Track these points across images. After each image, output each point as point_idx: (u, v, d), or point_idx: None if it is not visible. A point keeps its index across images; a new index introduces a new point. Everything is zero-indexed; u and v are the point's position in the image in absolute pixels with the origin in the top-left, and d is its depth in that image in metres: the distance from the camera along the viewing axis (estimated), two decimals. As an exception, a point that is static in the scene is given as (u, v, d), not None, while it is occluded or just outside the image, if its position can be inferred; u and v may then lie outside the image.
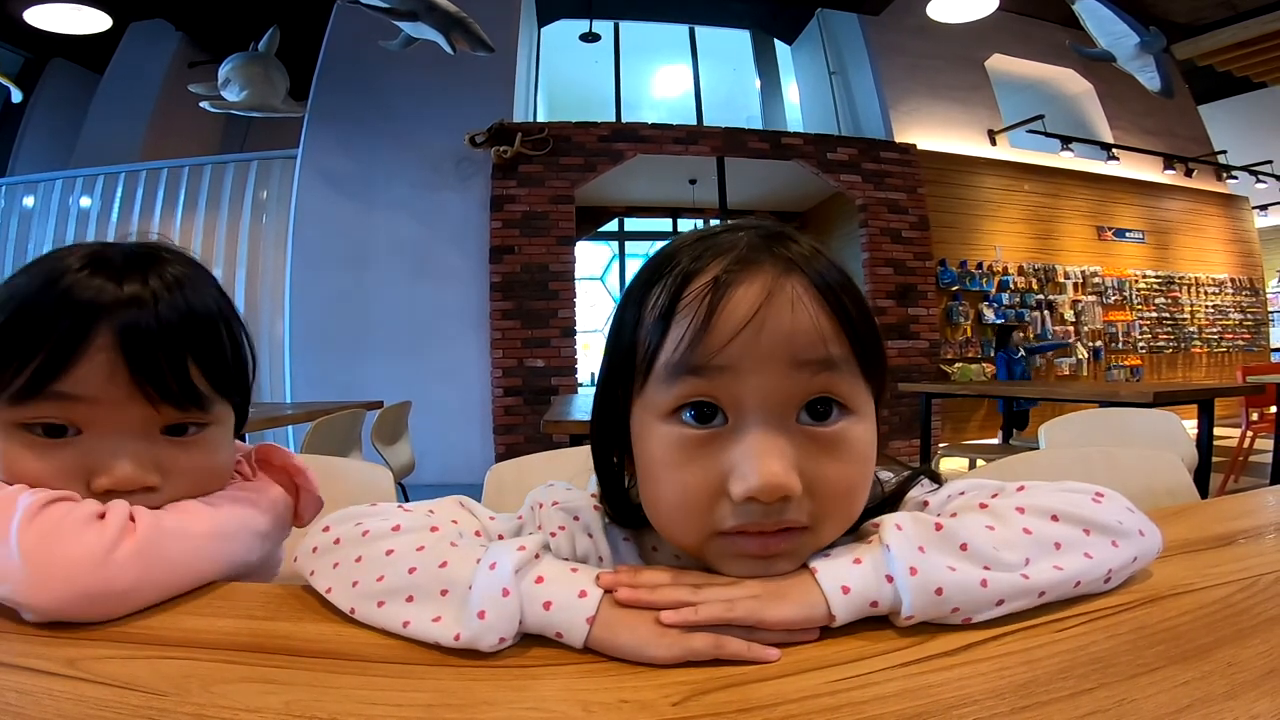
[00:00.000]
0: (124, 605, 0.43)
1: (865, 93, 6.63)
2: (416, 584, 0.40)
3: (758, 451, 0.39)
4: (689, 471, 0.41)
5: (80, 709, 0.32)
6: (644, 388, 0.42)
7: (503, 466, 1.03)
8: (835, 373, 0.41)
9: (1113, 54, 4.42)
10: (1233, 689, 0.32)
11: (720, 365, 0.39)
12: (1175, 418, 1.53)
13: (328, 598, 0.43)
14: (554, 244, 5.40)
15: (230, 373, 0.55)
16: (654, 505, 0.44)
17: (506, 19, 5.63)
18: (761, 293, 0.40)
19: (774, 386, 0.40)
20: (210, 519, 0.51)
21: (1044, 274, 6.70)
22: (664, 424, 0.41)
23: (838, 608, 0.38)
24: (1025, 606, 0.40)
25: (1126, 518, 0.45)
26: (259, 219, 5.61)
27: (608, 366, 0.46)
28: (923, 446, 4.06)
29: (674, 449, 0.41)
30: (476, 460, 5.01)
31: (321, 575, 0.45)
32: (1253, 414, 4.33)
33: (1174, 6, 6.19)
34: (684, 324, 0.40)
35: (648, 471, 0.43)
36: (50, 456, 0.49)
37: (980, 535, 0.41)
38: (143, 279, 0.51)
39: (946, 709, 0.31)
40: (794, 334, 0.39)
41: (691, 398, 0.40)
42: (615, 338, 0.45)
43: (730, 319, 0.39)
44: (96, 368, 0.48)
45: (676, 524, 0.43)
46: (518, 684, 0.35)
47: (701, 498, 0.40)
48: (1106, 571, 0.42)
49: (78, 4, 4.50)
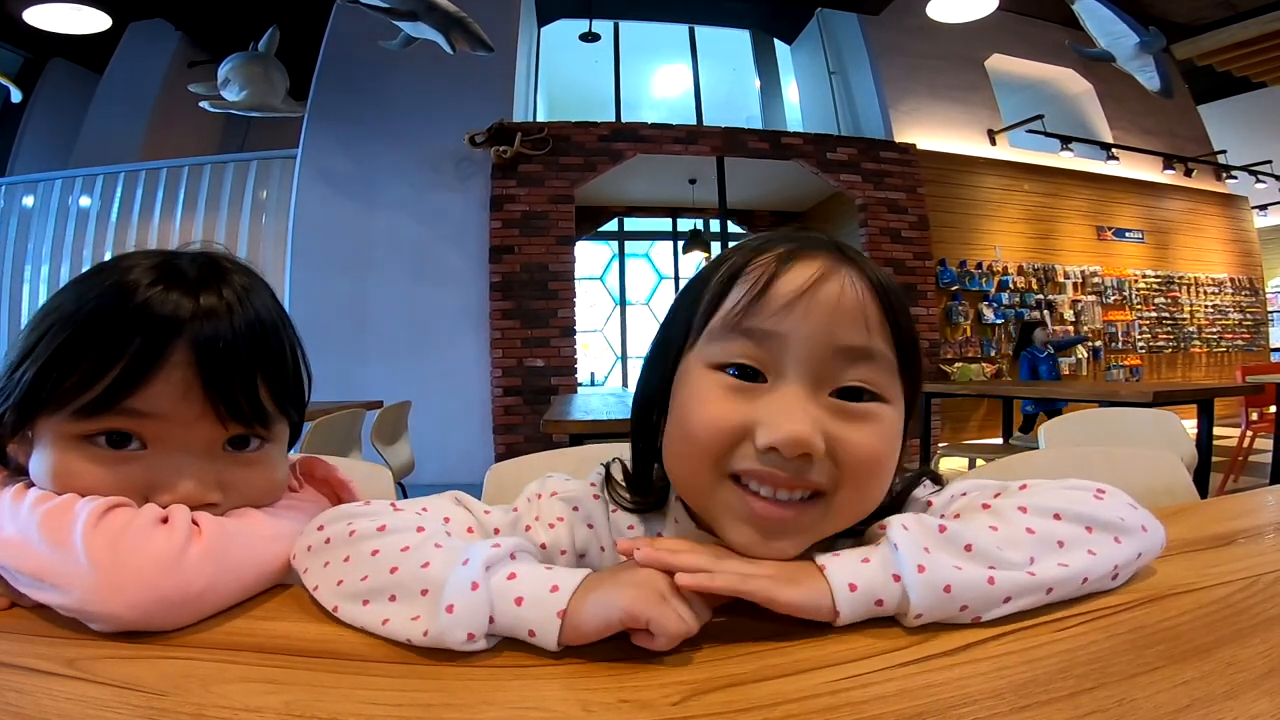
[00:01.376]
0: (198, 610, 0.42)
1: (865, 92, 6.63)
2: (399, 583, 0.40)
3: (788, 406, 0.41)
4: (722, 408, 0.43)
5: (80, 709, 0.32)
6: (698, 340, 0.45)
7: (502, 466, 1.03)
8: (874, 364, 0.43)
9: (1112, 54, 4.42)
10: (1233, 689, 0.32)
11: (770, 330, 0.42)
12: (1175, 417, 1.53)
13: (314, 596, 0.44)
14: (554, 244, 5.40)
15: (292, 388, 0.54)
16: (676, 440, 0.45)
17: (506, 19, 5.63)
18: (819, 270, 0.43)
19: (816, 359, 0.42)
20: (271, 524, 0.50)
21: (1044, 274, 6.70)
22: (710, 371, 0.44)
23: (843, 604, 0.39)
24: (1034, 604, 0.40)
25: (1129, 514, 0.45)
26: (259, 219, 5.61)
27: (669, 321, 0.49)
28: (923, 446, 4.06)
29: (714, 388, 0.43)
30: (476, 460, 5.01)
31: (312, 574, 0.45)
32: (1252, 414, 4.33)
33: (1174, 6, 6.19)
34: (745, 287, 0.44)
35: (682, 408, 0.45)
36: (113, 469, 0.47)
37: (984, 535, 0.41)
38: (217, 293, 0.50)
39: (946, 709, 0.31)
40: (840, 311, 0.42)
41: (739, 358, 0.43)
42: (684, 295, 0.49)
43: (786, 288, 0.43)
44: (172, 385, 0.47)
45: (693, 460, 0.44)
46: (518, 684, 0.35)
47: (727, 434, 0.42)
48: (1113, 568, 0.43)
49: (77, 4, 4.49)
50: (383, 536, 0.44)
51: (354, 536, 0.44)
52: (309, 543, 0.47)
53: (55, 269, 5.58)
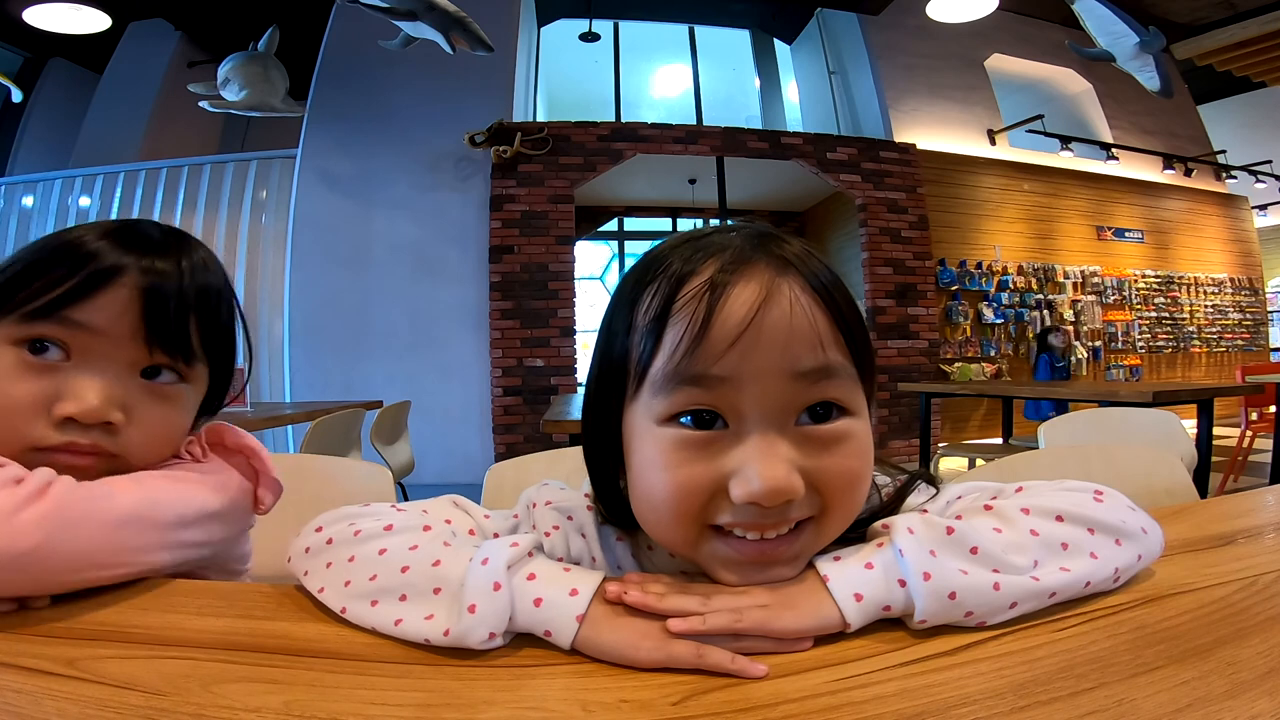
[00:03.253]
0: (33, 576, 0.42)
1: (865, 92, 6.63)
2: (409, 582, 0.40)
3: (760, 455, 0.38)
4: (686, 472, 0.40)
5: (80, 709, 0.32)
6: (638, 394, 0.41)
7: (502, 466, 1.03)
8: (834, 380, 0.40)
9: (1112, 54, 4.42)
10: (1232, 688, 0.32)
11: (719, 375, 0.38)
12: (1175, 417, 1.53)
13: (319, 598, 0.43)
14: (553, 244, 5.40)
15: (220, 339, 0.59)
16: (646, 507, 0.43)
17: (506, 19, 5.63)
18: (759, 293, 0.39)
19: (775, 394, 0.39)
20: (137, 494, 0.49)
21: (1043, 274, 6.71)
22: (661, 427, 0.41)
23: (851, 615, 0.38)
24: (1037, 608, 0.40)
25: (1129, 516, 0.45)
26: (258, 219, 5.61)
27: (597, 371, 0.45)
28: (922, 446, 4.06)
29: (671, 450, 0.40)
30: (476, 460, 5.02)
31: (314, 575, 0.44)
32: (1252, 414, 4.33)
33: (1174, 6, 6.19)
34: (679, 329, 0.39)
35: (641, 474, 0.42)
36: (29, 378, 0.51)
37: (990, 538, 0.40)
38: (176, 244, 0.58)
39: (946, 709, 0.31)
40: (792, 339, 0.39)
41: (689, 406, 0.40)
42: (606, 342, 0.44)
43: (727, 323, 0.38)
44: (113, 302, 0.52)
45: (668, 525, 0.42)
46: (518, 684, 0.35)
47: (699, 497, 0.40)
48: (1114, 570, 0.43)
49: (77, 4, 4.49)
50: (389, 536, 0.43)
51: (359, 536, 0.44)
52: (307, 544, 0.46)
53: (55, 269, 5.57)
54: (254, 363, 0.67)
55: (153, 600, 0.48)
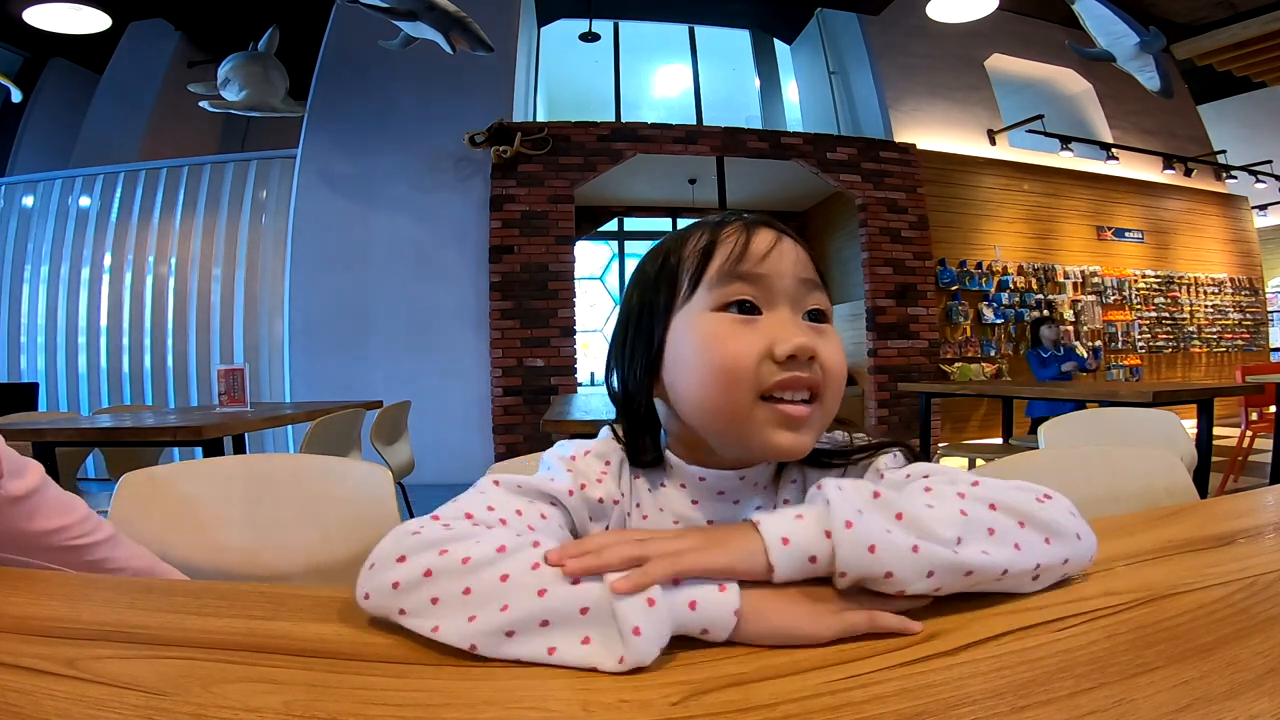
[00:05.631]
0: None
1: (865, 92, 6.63)
2: (551, 608, 0.38)
3: (789, 324, 0.54)
4: (740, 341, 0.52)
5: (80, 709, 0.32)
6: (692, 295, 0.56)
7: (502, 466, 1.03)
8: (820, 293, 0.57)
9: (1112, 54, 4.42)
10: (1232, 688, 0.32)
11: (759, 272, 0.54)
12: (1175, 417, 1.53)
13: (435, 637, 0.39)
14: (553, 243, 5.40)
15: None
16: (710, 377, 0.53)
17: (506, 19, 5.63)
18: (775, 235, 0.57)
19: (792, 288, 0.55)
20: None
21: (1043, 274, 6.71)
22: (715, 314, 0.54)
23: (776, 558, 0.40)
24: (954, 586, 0.41)
25: (1066, 520, 0.46)
26: (258, 219, 5.61)
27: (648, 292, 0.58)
28: (922, 446, 4.06)
29: (726, 325, 0.53)
30: (476, 460, 5.01)
31: (421, 614, 0.40)
32: (1252, 414, 4.33)
33: (1174, 6, 6.19)
34: (728, 248, 0.55)
35: (698, 352, 0.53)
36: None
37: (917, 508, 0.42)
38: None
39: (946, 709, 0.31)
40: (798, 260, 0.56)
41: (737, 296, 0.54)
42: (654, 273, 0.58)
43: (761, 245, 0.55)
44: None
45: (723, 393, 0.52)
46: (518, 684, 0.35)
47: (750, 359, 0.52)
48: (1035, 566, 0.43)
49: (77, 4, 4.49)
50: (506, 559, 0.40)
51: (468, 565, 0.40)
52: (394, 578, 0.41)
53: (55, 269, 5.58)
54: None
55: (153, 600, 0.48)
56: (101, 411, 4.24)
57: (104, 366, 5.52)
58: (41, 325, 5.58)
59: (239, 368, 2.86)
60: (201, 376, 5.46)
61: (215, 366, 4.15)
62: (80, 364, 5.53)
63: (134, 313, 5.50)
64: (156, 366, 5.48)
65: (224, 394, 2.83)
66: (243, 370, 2.86)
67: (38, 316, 5.59)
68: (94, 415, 3.53)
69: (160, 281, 5.53)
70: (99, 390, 5.53)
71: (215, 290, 5.51)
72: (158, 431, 2.17)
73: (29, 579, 0.54)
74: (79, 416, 4.02)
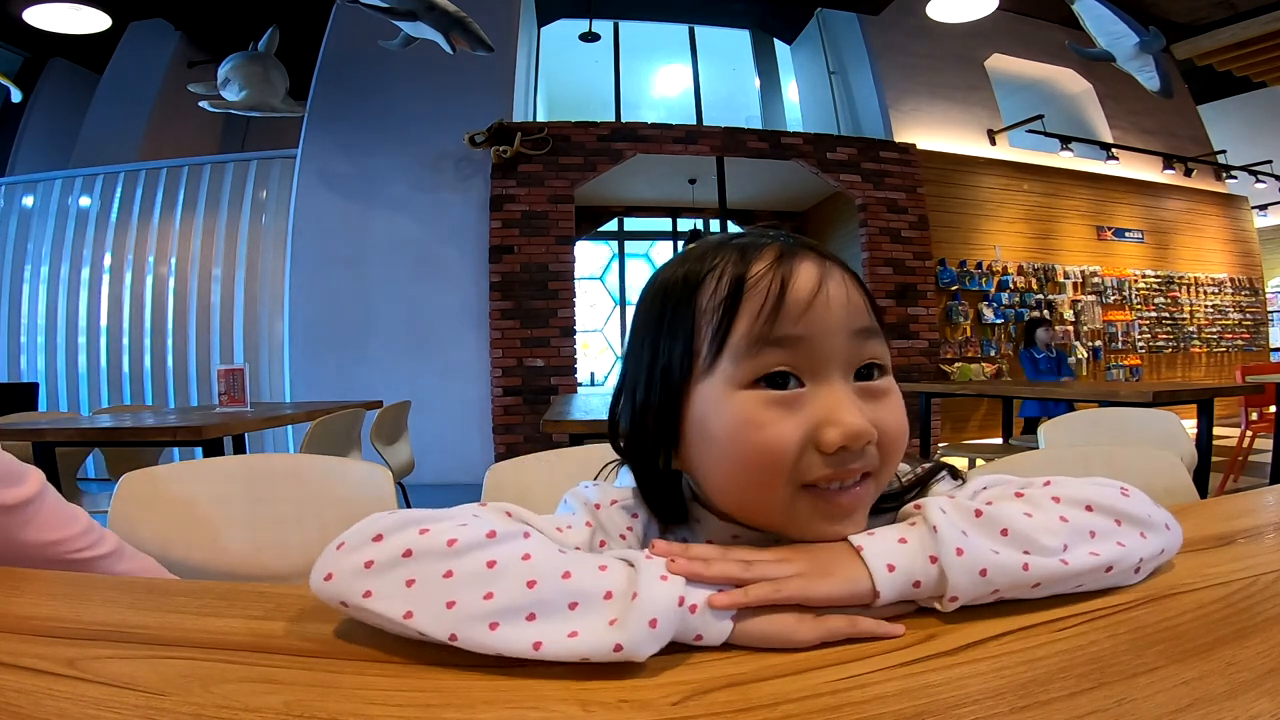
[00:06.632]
0: None
1: (865, 92, 6.63)
2: (540, 599, 0.36)
3: (839, 403, 0.43)
4: (778, 429, 0.42)
5: (80, 709, 0.32)
6: (714, 366, 0.44)
7: (502, 466, 1.03)
8: (876, 339, 0.46)
9: (1112, 54, 4.42)
10: (1233, 688, 0.32)
11: (798, 334, 0.43)
12: (1175, 417, 1.53)
13: (407, 624, 0.36)
14: (553, 244, 5.41)
15: None
16: (740, 469, 0.44)
17: (506, 19, 5.63)
18: (819, 270, 0.45)
19: (841, 349, 0.44)
20: None
21: (1043, 274, 6.71)
22: (744, 391, 0.43)
23: (882, 584, 0.39)
24: (1060, 591, 0.42)
25: (1154, 511, 0.47)
26: (258, 219, 5.61)
27: (649, 361, 0.47)
28: (923, 446, 4.05)
29: (761, 409, 0.43)
30: (476, 460, 5.02)
31: (391, 597, 0.37)
32: (1252, 414, 4.33)
33: (1174, 6, 6.19)
34: (758, 300, 0.43)
35: (725, 442, 0.44)
36: None
37: (1020, 521, 0.42)
38: None
39: (946, 709, 0.31)
40: (848, 305, 0.45)
41: (772, 368, 0.43)
42: (666, 332, 0.46)
43: (800, 292, 0.43)
44: None
45: (760, 485, 0.43)
46: (518, 683, 0.35)
47: (789, 452, 0.42)
48: (1138, 560, 0.44)
49: (77, 4, 4.49)
50: (494, 545, 0.38)
51: (454, 547, 0.38)
52: (368, 557, 0.38)
53: (55, 269, 5.58)
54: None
55: (153, 600, 0.48)
56: (101, 411, 4.24)
57: (104, 366, 5.52)
58: (41, 325, 5.58)
59: (239, 368, 2.86)
60: (201, 376, 5.46)
61: (215, 366, 4.15)
62: (80, 364, 5.54)
63: (134, 313, 5.51)
64: (156, 366, 5.48)
65: (224, 394, 2.83)
66: (243, 370, 2.86)
67: (38, 316, 5.60)
68: (94, 415, 3.53)
69: (160, 281, 5.53)
70: (99, 390, 5.53)
71: (215, 290, 5.51)
72: (158, 431, 2.18)
73: (30, 579, 0.54)
74: (79, 416, 4.02)
